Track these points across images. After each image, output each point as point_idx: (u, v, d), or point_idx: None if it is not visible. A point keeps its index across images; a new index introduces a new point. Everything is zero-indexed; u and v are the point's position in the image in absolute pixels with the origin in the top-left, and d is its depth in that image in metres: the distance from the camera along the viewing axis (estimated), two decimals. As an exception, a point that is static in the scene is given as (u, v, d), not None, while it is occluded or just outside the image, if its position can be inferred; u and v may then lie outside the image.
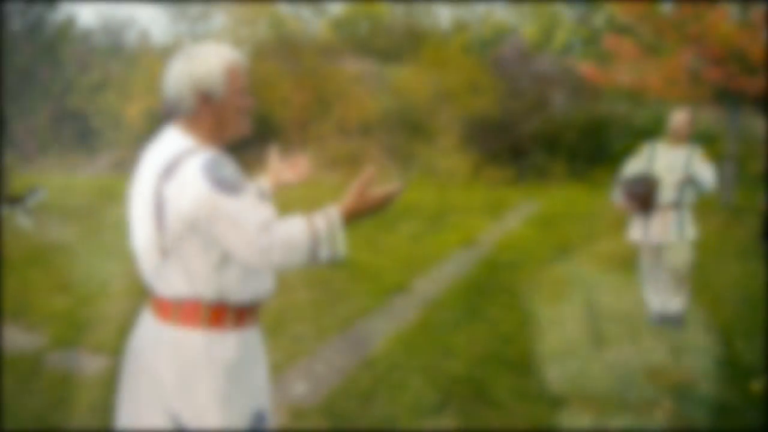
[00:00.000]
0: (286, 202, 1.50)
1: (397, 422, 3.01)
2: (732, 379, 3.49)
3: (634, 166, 4.39)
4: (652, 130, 12.81)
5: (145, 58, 17.28)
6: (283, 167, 1.98)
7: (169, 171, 1.47)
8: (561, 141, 13.36)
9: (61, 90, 15.81)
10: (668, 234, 4.23)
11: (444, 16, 27.26)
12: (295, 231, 1.46)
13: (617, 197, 4.36)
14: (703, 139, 13.09)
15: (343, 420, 3.02)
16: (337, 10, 24.93)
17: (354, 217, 1.56)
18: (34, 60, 9.36)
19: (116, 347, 3.89)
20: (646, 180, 4.22)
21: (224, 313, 1.56)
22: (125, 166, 15.85)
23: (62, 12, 9.77)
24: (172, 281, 1.53)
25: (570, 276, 5.83)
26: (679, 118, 4.30)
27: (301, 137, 15.22)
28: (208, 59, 1.55)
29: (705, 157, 4.22)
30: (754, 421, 3.02)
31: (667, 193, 4.18)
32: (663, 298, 4.41)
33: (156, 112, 15.56)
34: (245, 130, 1.67)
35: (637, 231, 4.39)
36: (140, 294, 5.49)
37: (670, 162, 4.23)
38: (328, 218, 1.51)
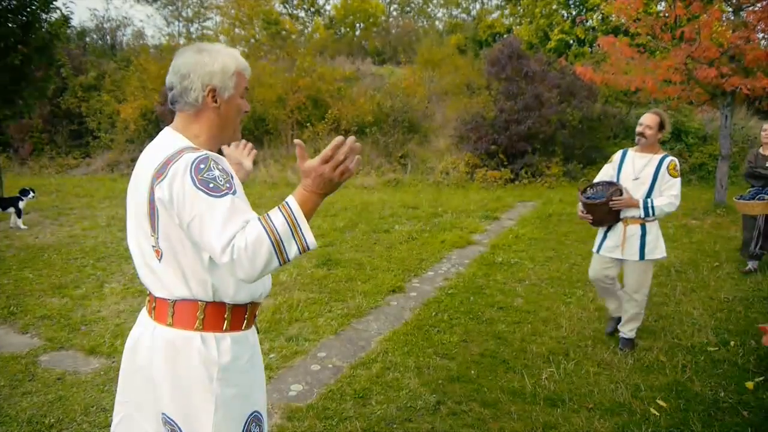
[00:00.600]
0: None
1: (393, 422, 3.02)
2: (727, 378, 3.51)
3: (603, 174, 3.99)
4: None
5: (140, 58, 17.23)
6: (237, 154, 2.01)
7: (161, 171, 1.46)
8: (556, 141, 13.39)
9: (56, 90, 15.72)
10: (629, 250, 3.81)
11: (439, 16, 27.32)
12: (251, 241, 1.34)
13: (579, 205, 3.95)
14: (697, 138, 13.24)
15: (338, 420, 3.02)
16: (332, 9, 24.94)
17: (315, 196, 1.44)
18: (28, 60, 9.29)
19: (110, 349, 3.89)
20: (607, 188, 3.82)
21: (220, 314, 1.55)
22: (119, 166, 15.80)
23: (56, 12, 9.68)
24: (168, 282, 1.53)
25: (565, 276, 5.84)
26: (644, 120, 3.79)
27: (296, 137, 15.20)
28: (222, 57, 1.56)
29: (674, 171, 3.73)
30: (749, 420, 3.03)
31: None
32: (621, 315, 4.09)
33: (150, 112, 15.51)
34: (238, 136, 1.69)
35: (597, 241, 4.04)
36: (135, 295, 5.44)
37: (637, 172, 3.81)
38: (285, 212, 1.40)
